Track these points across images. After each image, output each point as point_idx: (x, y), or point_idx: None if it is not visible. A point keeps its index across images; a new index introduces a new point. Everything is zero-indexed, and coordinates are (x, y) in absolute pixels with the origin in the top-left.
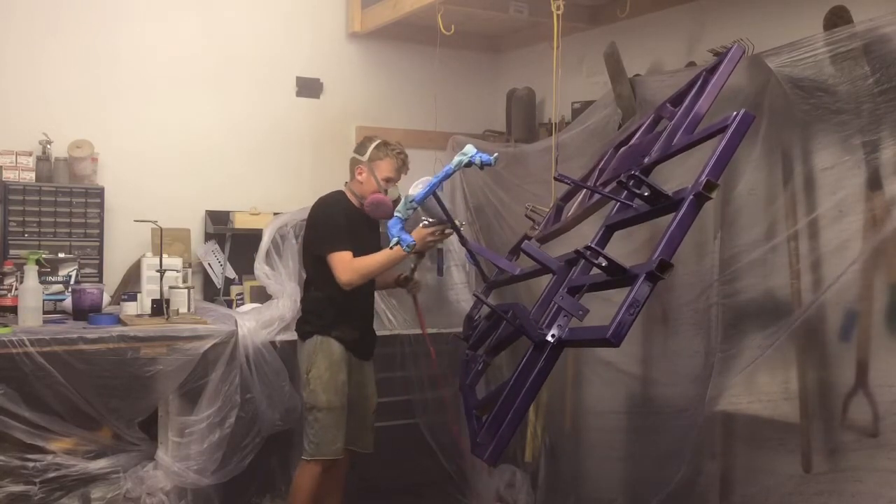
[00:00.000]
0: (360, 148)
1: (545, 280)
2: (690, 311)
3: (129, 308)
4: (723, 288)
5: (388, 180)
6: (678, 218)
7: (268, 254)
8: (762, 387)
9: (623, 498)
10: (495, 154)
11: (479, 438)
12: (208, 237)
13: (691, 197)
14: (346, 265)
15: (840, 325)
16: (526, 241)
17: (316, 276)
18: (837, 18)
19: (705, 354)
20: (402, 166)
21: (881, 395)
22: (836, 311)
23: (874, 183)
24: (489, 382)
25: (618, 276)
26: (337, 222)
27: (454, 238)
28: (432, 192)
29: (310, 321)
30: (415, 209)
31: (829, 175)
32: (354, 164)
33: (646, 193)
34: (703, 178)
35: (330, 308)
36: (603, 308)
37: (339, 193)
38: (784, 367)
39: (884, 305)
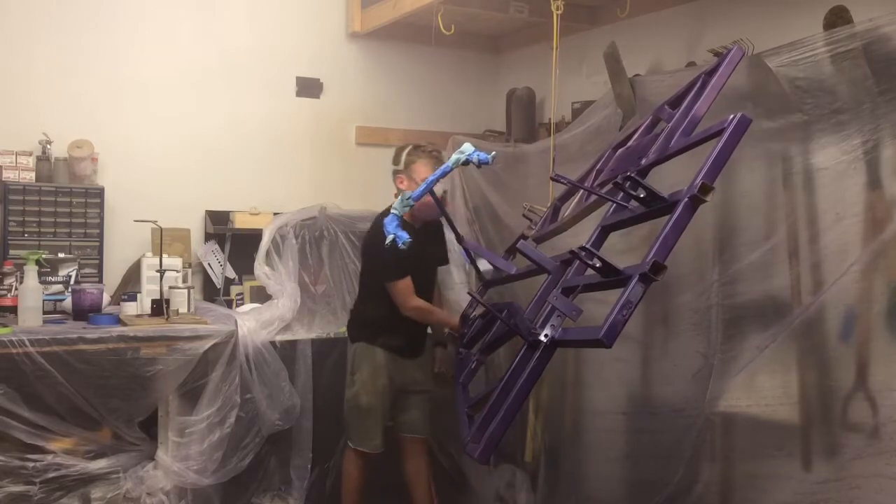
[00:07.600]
0: (395, 158)
1: (543, 280)
2: (690, 311)
3: (129, 308)
4: (723, 289)
5: None
6: (673, 220)
7: (268, 254)
8: (762, 389)
9: (623, 498)
10: (493, 152)
11: (470, 437)
12: (208, 237)
13: (686, 199)
14: (406, 297)
15: (840, 326)
16: (522, 240)
17: (370, 289)
18: (837, 18)
19: (705, 355)
20: (438, 163)
21: (881, 399)
22: (835, 312)
23: (874, 183)
24: (490, 382)
25: (611, 277)
26: (394, 250)
27: (453, 237)
28: (429, 189)
29: (358, 327)
30: (411, 206)
31: (828, 175)
32: (394, 175)
33: (641, 195)
34: (699, 181)
35: (379, 320)
36: (597, 308)
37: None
38: (784, 370)
39: (884, 306)
